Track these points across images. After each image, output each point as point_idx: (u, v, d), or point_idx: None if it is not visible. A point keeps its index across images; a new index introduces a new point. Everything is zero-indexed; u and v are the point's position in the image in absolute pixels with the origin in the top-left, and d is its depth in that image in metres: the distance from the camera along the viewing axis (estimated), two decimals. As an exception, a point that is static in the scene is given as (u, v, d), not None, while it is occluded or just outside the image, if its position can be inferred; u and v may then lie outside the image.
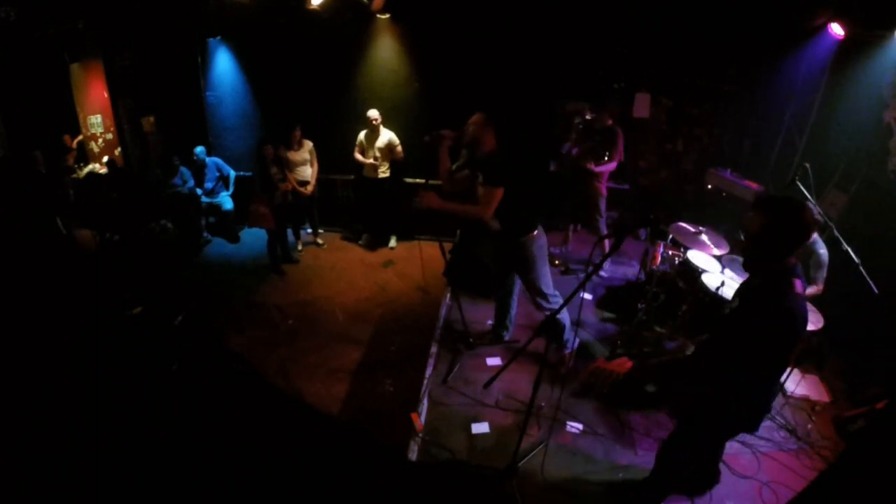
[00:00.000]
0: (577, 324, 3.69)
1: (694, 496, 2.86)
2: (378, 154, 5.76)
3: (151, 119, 6.52)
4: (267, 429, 3.27)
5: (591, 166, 4.78)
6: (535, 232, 3.35)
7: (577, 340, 3.81)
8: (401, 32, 6.01)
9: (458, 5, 5.54)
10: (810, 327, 2.98)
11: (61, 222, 5.40)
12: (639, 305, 4.22)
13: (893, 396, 3.08)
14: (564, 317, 3.58)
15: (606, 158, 4.77)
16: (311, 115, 5.91)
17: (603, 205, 5.05)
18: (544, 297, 3.49)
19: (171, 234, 5.92)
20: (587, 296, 4.81)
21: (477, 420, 3.37)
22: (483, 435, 3.27)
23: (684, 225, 4.00)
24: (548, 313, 3.48)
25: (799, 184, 3.80)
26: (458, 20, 5.59)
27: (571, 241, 5.61)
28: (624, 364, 2.15)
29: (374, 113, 5.61)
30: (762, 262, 2.03)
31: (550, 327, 2.80)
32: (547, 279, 3.49)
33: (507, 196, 3.13)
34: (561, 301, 3.53)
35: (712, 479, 2.84)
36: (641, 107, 6.10)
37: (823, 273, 3.56)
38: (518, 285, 3.83)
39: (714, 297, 3.61)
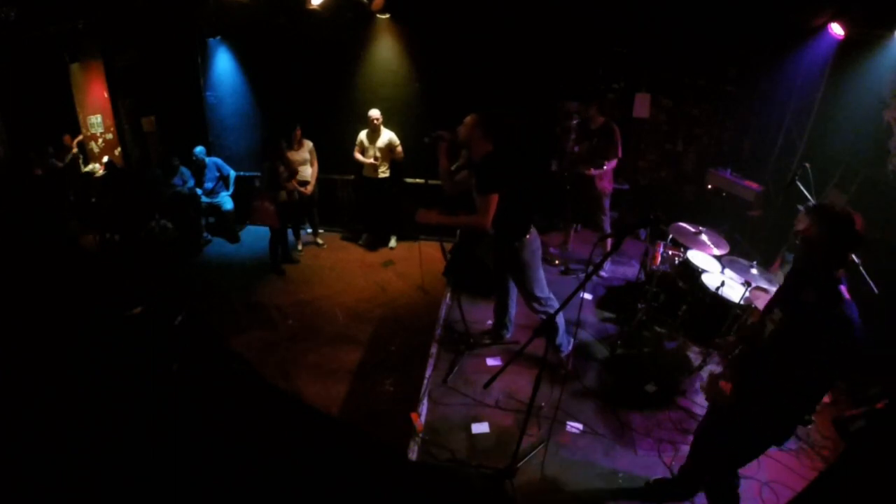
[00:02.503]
0: (577, 324, 3.69)
1: (694, 498, 2.86)
2: (378, 154, 5.76)
3: (151, 119, 6.53)
4: (267, 429, 3.27)
5: (591, 172, 4.77)
6: (528, 236, 3.32)
7: (572, 342, 3.81)
8: (401, 32, 6.01)
9: (458, 5, 5.54)
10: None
11: (62, 222, 5.40)
12: (639, 305, 4.21)
13: (893, 396, 3.08)
14: (559, 320, 3.55)
15: (605, 162, 4.75)
16: (311, 115, 5.91)
17: (607, 203, 5.05)
18: (537, 300, 3.47)
19: (171, 234, 5.92)
20: (587, 296, 4.81)
21: (477, 420, 3.37)
22: (483, 435, 3.27)
23: (684, 225, 3.99)
24: (543, 316, 3.48)
25: (799, 184, 3.80)
26: (457, 20, 5.59)
27: (571, 240, 5.61)
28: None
29: (375, 112, 5.61)
30: (817, 272, 2.03)
31: (549, 329, 2.80)
32: (540, 283, 3.47)
33: (499, 200, 3.09)
34: (556, 303, 3.52)
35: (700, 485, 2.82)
36: (641, 107, 6.10)
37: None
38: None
39: (714, 297, 3.61)
